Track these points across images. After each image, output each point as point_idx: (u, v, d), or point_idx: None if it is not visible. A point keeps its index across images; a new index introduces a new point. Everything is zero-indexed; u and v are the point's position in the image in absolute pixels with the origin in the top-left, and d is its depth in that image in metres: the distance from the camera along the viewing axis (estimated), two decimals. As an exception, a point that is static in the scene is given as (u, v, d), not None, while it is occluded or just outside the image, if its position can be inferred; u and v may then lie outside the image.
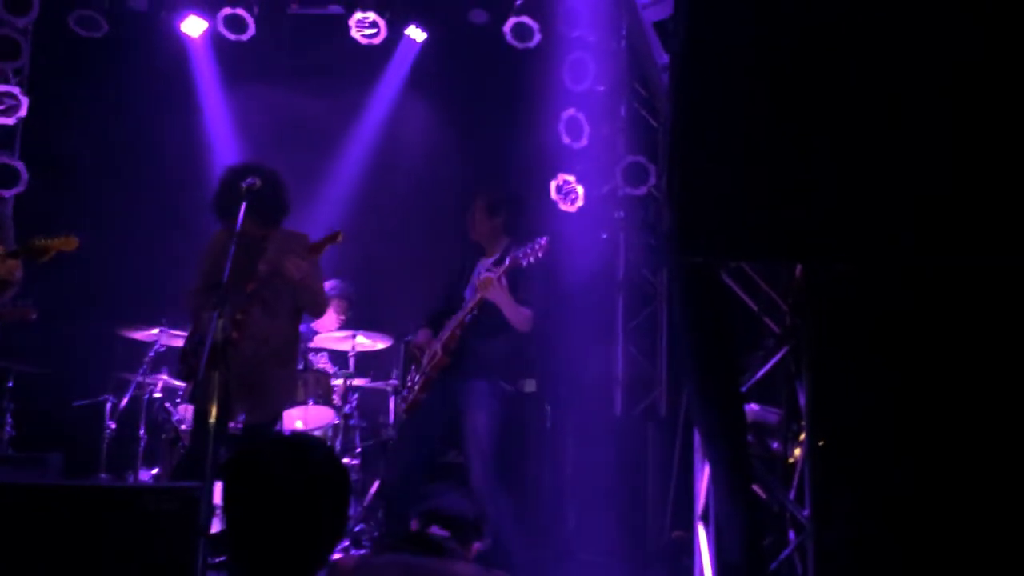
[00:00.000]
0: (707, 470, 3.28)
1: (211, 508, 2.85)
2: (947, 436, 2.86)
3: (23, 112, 5.94)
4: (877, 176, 2.51)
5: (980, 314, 2.81)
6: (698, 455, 3.46)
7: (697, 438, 3.38)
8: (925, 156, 2.48)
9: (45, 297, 5.07)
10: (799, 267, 3.19)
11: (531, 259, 3.91)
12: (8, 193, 5.81)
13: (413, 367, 4.39)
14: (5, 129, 5.97)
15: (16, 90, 5.95)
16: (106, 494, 2.60)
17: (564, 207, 6.26)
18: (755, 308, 3.30)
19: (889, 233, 2.50)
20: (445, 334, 4.13)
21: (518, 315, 4.06)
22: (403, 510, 3.79)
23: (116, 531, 2.38)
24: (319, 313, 4.37)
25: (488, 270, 4.18)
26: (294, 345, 4.27)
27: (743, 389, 3.08)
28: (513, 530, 4.07)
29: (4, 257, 3.44)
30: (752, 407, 3.44)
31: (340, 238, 4.00)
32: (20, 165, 5.93)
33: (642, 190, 6.10)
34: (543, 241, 3.91)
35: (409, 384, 4.34)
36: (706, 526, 3.42)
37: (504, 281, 3.98)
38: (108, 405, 5.70)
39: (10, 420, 5.67)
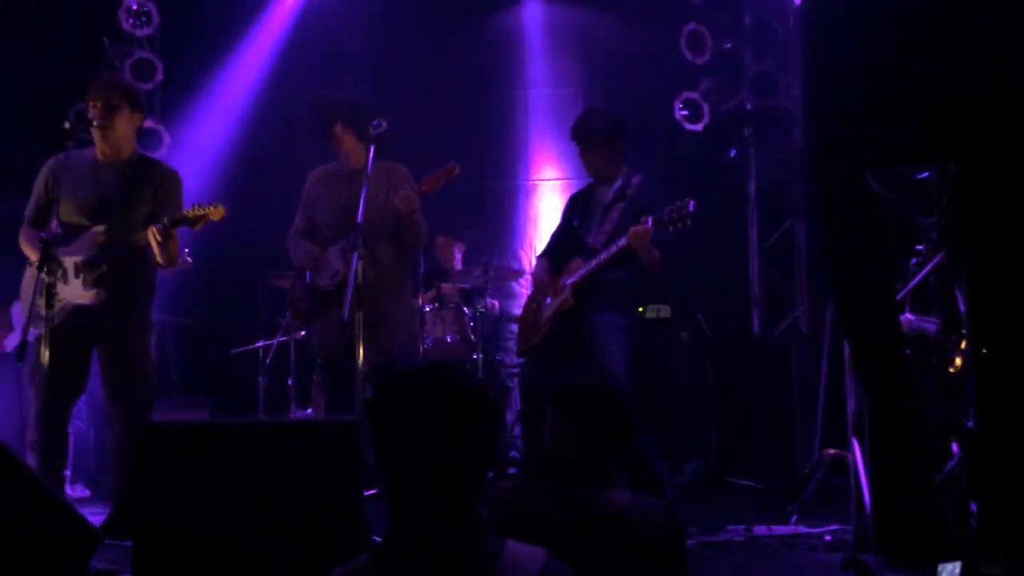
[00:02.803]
0: (860, 385, 3.17)
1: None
2: None
3: (159, 76, 6.20)
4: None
5: None
6: (849, 370, 3.34)
7: (848, 353, 3.25)
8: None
9: (197, 252, 5.37)
10: (953, 167, 2.98)
11: (678, 225, 3.76)
12: (153, 156, 6.11)
13: (535, 301, 4.32)
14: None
15: (151, 56, 6.22)
16: (273, 430, 2.73)
17: (689, 127, 6.06)
18: (906, 213, 3.12)
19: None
20: (575, 277, 4.06)
21: (652, 261, 3.96)
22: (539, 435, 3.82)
23: (282, 465, 2.50)
24: (418, 246, 4.25)
25: (614, 207, 4.04)
26: (405, 277, 4.22)
27: (897, 298, 2.93)
28: (657, 458, 4.05)
29: (166, 228, 3.60)
30: (908, 317, 3.27)
31: (456, 171, 3.86)
32: (161, 128, 6.22)
33: (772, 102, 5.84)
34: (691, 207, 3.74)
35: (531, 321, 4.27)
36: (860, 441, 3.32)
37: (651, 229, 3.85)
38: (261, 351, 5.99)
39: (174, 370, 6.06)
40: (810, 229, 5.98)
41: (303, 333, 5.40)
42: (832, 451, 4.25)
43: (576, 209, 4.31)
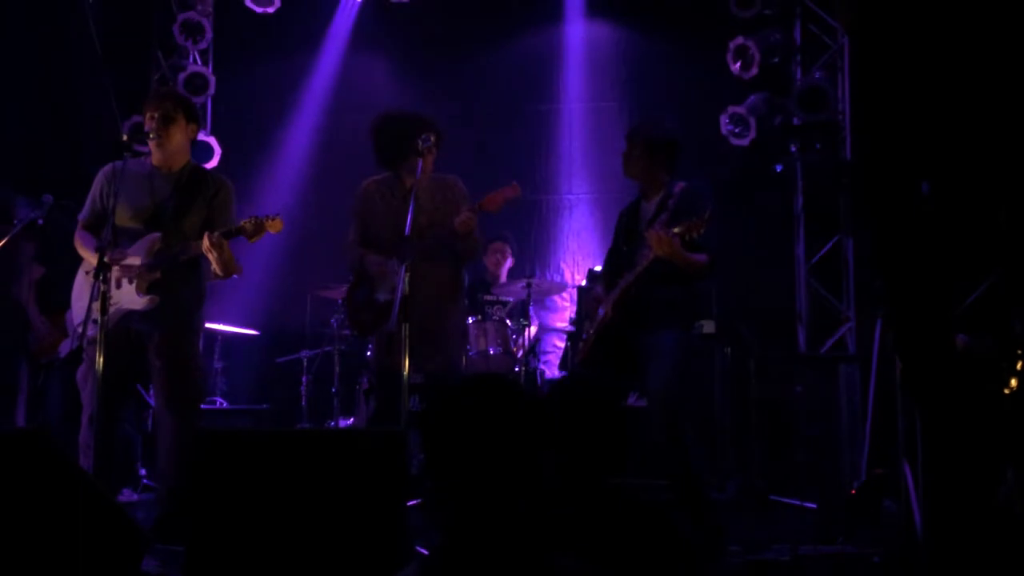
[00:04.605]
0: (911, 405, 3.11)
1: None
2: None
3: (212, 90, 6.33)
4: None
5: None
6: (900, 391, 3.28)
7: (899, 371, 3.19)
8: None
9: (244, 262, 5.45)
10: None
11: (697, 232, 3.67)
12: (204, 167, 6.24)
13: (588, 321, 4.31)
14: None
15: (204, 70, 6.35)
16: (322, 438, 2.76)
17: (736, 141, 6.03)
18: (960, 230, 3.06)
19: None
20: (616, 293, 3.95)
21: (693, 266, 3.82)
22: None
23: (330, 473, 2.53)
24: (473, 259, 4.33)
25: (656, 220, 3.96)
26: (460, 292, 4.26)
27: (952, 318, 2.87)
28: (705, 476, 3.98)
29: (220, 239, 3.64)
30: (961, 337, 3.21)
31: (517, 193, 3.87)
32: (213, 140, 6.35)
33: (820, 116, 5.79)
34: (706, 215, 3.67)
35: (584, 338, 4.28)
36: (911, 462, 3.26)
37: (678, 240, 3.72)
38: (305, 361, 6.06)
39: (222, 378, 6.15)
40: (859, 245, 5.91)
41: (367, 343, 5.47)
42: (880, 471, 4.18)
43: (622, 231, 4.20)
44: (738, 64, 5.93)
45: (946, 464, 2.75)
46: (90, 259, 3.80)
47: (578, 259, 6.82)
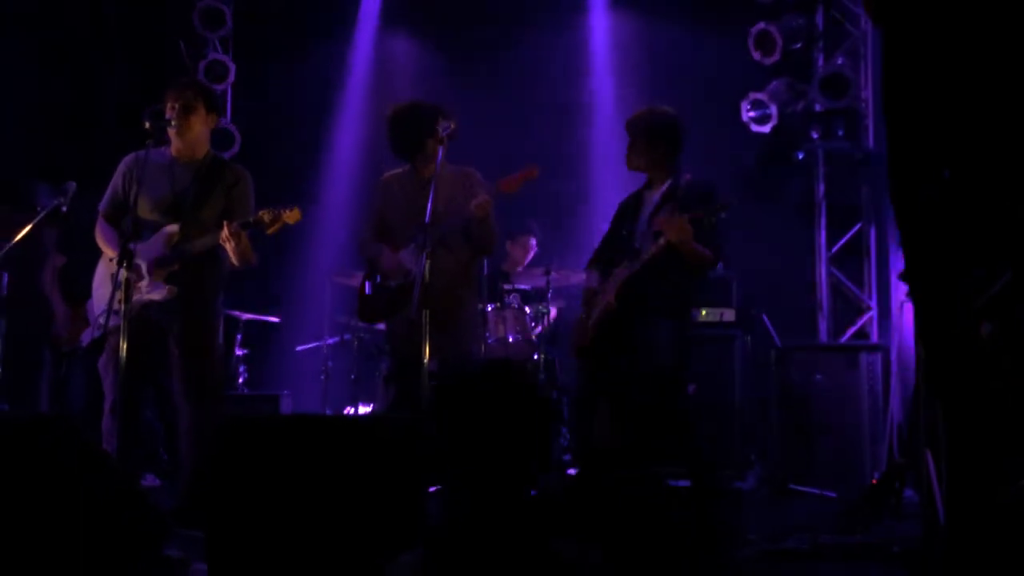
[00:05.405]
0: (934, 395, 3.08)
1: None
2: None
3: (232, 78, 6.34)
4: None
5: None
6: (923, 380, 3.26)
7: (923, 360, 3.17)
8: None
9: (263, 250, 5.48)
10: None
11: (715, 216, 3.62)
12: (224, 155, 6.27)
13: (585, 310, 4.26)
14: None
15: (224, 58, 6.37)
16: (339, 425, 2.78)
17: (756, 128, 5.98)
18: (985, 218, 3.02)
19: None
20: (619, 282, 3.91)
21: (698, 257, 3.78)
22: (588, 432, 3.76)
23: (352, 459, 2.54)
24: (489, 250, 4.31)
25: (663, 209, 3.90)
26: (476, 279, 4.27)
27: (975, 308, 2.84)
28: (715, 464, 3.96)
29: (239, 229, 3.66)
30: (985, 326, 3.17)
31: (536, 174, 3.87)
32: (233, 128, 6.37)
33: (842, 103, 5.73)
34: (724, 201, 3.62)
35: (581, 328, 4.22)
36: (934, 452, 3.23)
37: (690, 227, 3.67)
38: (325, 348, 6.09)
39: (243, 365, 6.20)
40: (880, 234, 5.87)
41: (380, 326, 5.47)
42: (902, 461, 4.15)
43: (625, 216, 4.16)
44: (759, 50, 5.87)
45: (968, 455, 2.72)
46: (109, 252, 3.83)
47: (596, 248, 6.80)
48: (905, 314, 5.25)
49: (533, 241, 6.33)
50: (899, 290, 5.43)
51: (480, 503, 1.53)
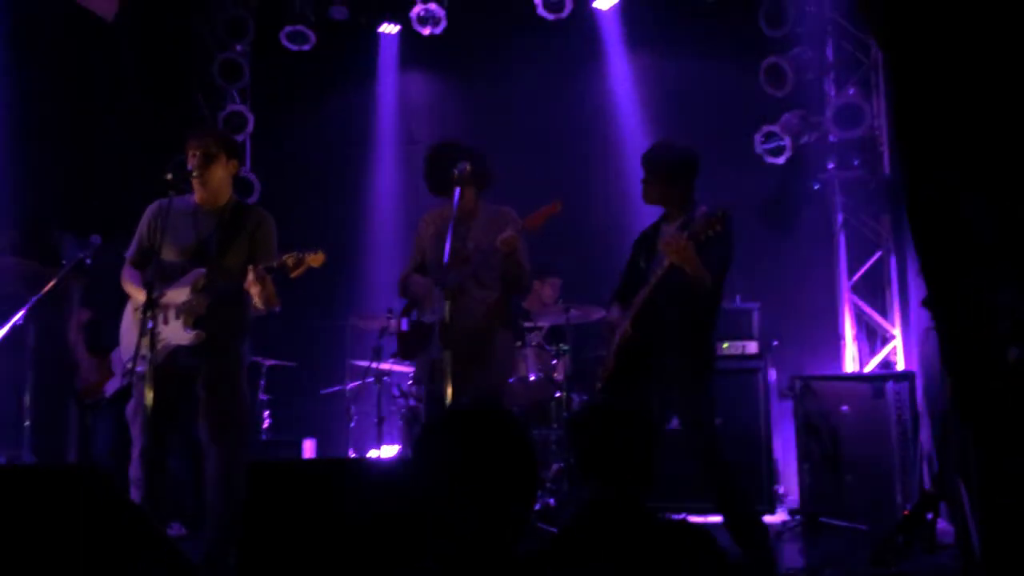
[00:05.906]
0: (963, 422, 3.04)
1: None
2: None
3: (251, 127, 6.45)
4: None
5: None
6: (951, 408, 3.22)
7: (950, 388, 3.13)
8: None
9: (284, 295, 5.52)
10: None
11: (710, 232, 3.61)
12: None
13: (609, 341, 4.24)
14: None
15: (243, 108, 6.48)
16: (364, 467, 2.78)
17: (771, 160, 6.00)
18: (1007, 241, 3.00)
19: None
20: (633, 309, 3.90)
21: (701, 277, 3.73)
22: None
23: (378, 501, 2.53)
24: (522, 289, 4.33)
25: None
26: (509, 317, 4.28)
27: (1002, 333, 2.81)
28: (746, 497, 3.89)
29: (264, 273, 3.69)
30: (1013, 351, 3.14)
31: (559, 208, 3.89)
32: (253, 177, 6.46)
33: (856, 132, 5.74)
34: (720, 213, 3.60)
35: (605, 362, 4.21)
36: (966, 481, 3.18)
37: (691, 244, 3.65)
38: (348, 392, 6.10)
39: (267, 410, 6.21)
40: (900, 261, 5.83)
41: (402, 368, 5.47)
42: (933, 491, 4.08)
43: (643, 248, 4.14)
44: (771, 84, 5.91)
45: (1001, 483, 2.68)
46: (137, 296, 3.87)
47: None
48: (930, 341, 5.19)
49: (559, 283, 6.35)
50: (922, 317, 5.39)
51: (462, 548, 1.52)
